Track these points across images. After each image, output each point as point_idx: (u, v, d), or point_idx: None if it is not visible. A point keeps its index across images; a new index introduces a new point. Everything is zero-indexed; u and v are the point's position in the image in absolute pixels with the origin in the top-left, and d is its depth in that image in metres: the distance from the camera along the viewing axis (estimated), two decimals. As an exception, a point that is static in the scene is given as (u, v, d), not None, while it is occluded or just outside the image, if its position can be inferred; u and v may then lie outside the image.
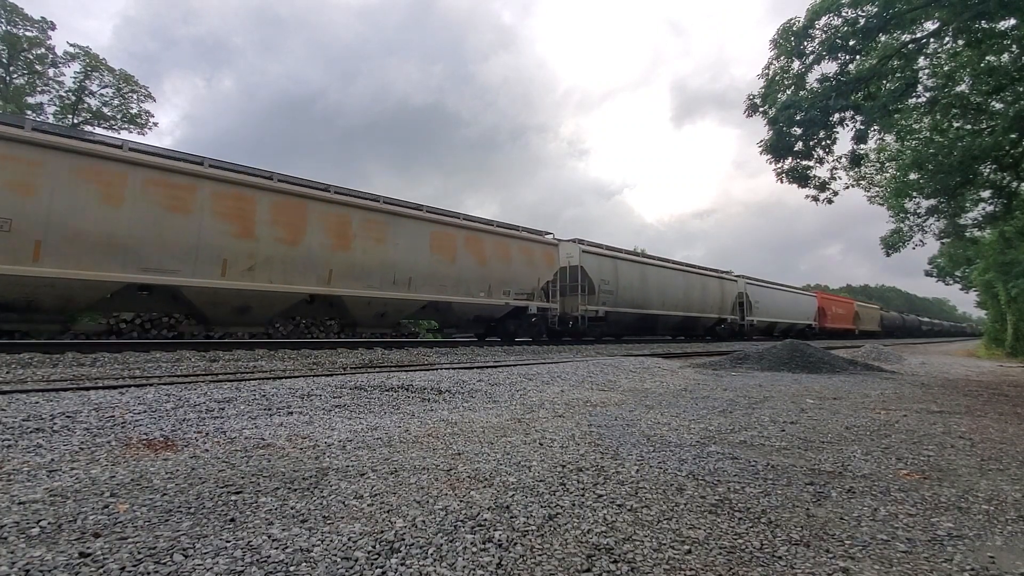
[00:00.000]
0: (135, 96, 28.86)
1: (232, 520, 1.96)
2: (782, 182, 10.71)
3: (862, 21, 8.88)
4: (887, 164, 14.59)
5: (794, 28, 9.50)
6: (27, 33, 25.52)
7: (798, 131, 9.84)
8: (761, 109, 10.18)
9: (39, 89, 26.50)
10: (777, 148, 10.14)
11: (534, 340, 16.08)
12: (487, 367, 7.93)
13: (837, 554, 1.89)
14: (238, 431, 3.38)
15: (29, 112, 24.66)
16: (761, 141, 10.37)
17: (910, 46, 9.50)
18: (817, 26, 9.37)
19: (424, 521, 2.01)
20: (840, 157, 10.72)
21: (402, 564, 1.68)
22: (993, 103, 11.16)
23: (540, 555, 1.79)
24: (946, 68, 10.61)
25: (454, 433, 3.59)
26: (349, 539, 1.82)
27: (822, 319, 36.51)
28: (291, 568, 1.62)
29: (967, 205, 13.93)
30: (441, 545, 1.82)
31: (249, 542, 1.77)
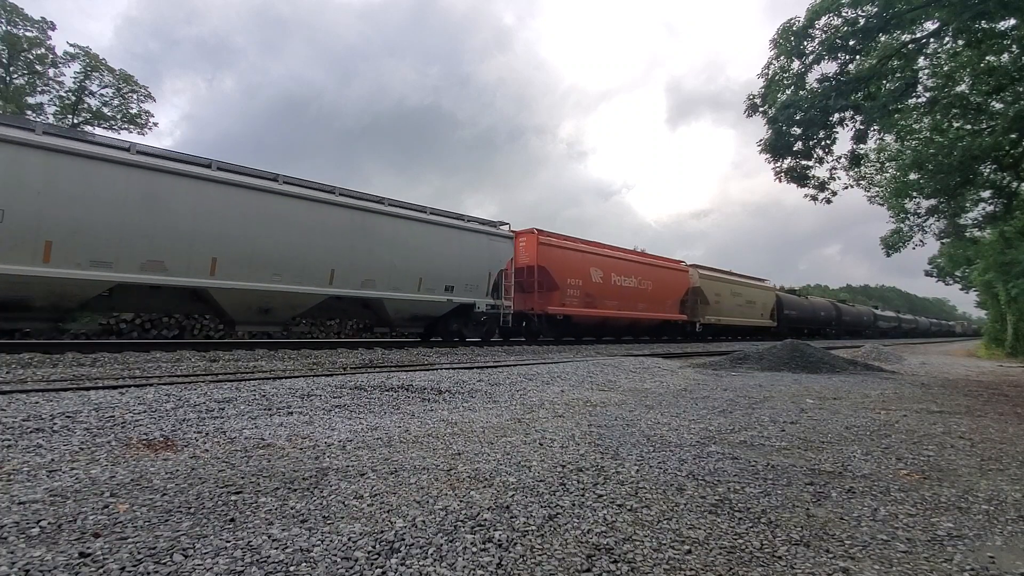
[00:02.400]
0: (135, 96, 28.89)
1: (232, 520, 1.96)
2: (781, 181, 10.72)
3: (862, 21, 8.88)
4: (887, 164, 14.57)
5: (794, 28, 9.50)
6: (27, 33, 25.52)
7: (798, 131, 9.84)
8: (761, 109, 10.18)
9: (39, 89, 26.52)
10: (776, 148, 10.14)
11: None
12: (487, 367, 7.93)
13: (837, 554, 1.89)
14: (238, 431, 3.38)
15: (29, 112, 24.66)
16: (760, 140, 10.37)
17: (910, 46, 9.50)
18: (817, 26, 9.36)
19: (424, 521, 2.01)
20: (840, 157, 10.73)
21: (402, 564, 1.68)
22: (993, 103, 11.15)
23: (540, 555, 1.79)
24: (946, 68, 10.59)
25: (454, 433, 3.59)
26: (349, 539, 1.82)
27: (540, 297, 16.28)
28: (291, 568, 1.62)
29: (967, 205, 13.92)
30: (441, 545, 1.82)
31: (249, 542, 1.77)
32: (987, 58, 10.16)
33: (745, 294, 27.37)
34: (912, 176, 13.19)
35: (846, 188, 12.13)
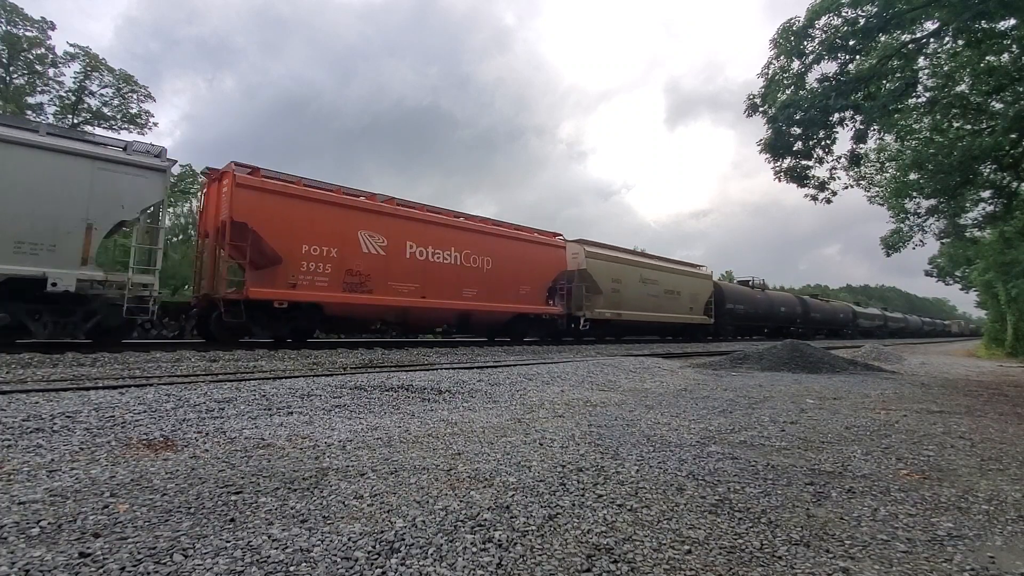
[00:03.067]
0: (135, 96, 28.87)
1: (232, 520, 1.96)
2: (781, 181, 10.71)
3: (862, 21, 8.88)
4: (887, 164, 14.57)
5: (794, 28, 9.50)
6: (27, 33, 25.51)
7: (798, 131, 9.84)
8: (761, 109, 10.17)
9: (39, 89, 26.50)
10: (776, 147, 10.13)
11: (539, 340, 16.59)
12: (487, 367, 7.93)
13: (837, 554, 1.89)
14: (238, 431, 3.38)
15: (29, 112, 24.66)
16: (760, 140, 10.37)
17: (910, 46, 9.49)
18: (817, 26, 9.36)
19: (424, 521, 2.01)
20: (840, 157, 10.73)
21: (402, 564, 1.68)
22: (993, 103, 11.15)
23: (540, 555, 1.79)
24: (946, 68, 10.59)
25: (454, 433, 3.59)
26: (349, 539, 1.82)
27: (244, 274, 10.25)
28: (291, 568, 1.61)
29: (967, 205, 13.91)
30: (441, 545, 1.82)
31: (249, 542, 1.77)
32: (987, 58, 10.16)
33: (664, 282, 20.46)
34: (912, 176, 13.19)
35: (846, 188, 12.12)
